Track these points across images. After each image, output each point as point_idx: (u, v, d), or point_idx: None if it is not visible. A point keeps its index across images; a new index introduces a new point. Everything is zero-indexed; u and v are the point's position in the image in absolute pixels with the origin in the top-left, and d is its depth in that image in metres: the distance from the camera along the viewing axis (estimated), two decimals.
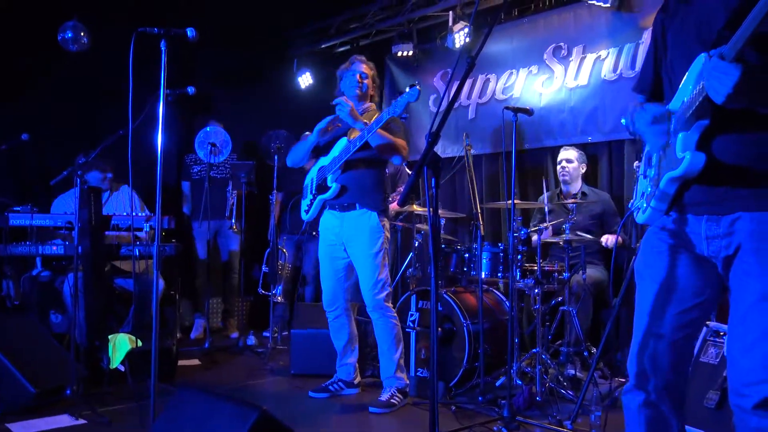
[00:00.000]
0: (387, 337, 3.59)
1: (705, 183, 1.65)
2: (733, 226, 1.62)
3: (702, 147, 1.62)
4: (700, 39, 1.66)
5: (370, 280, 3.55)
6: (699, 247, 1.71)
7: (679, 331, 1.76)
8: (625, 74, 4.75)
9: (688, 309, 1.75)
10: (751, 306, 1.56)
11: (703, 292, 1.75)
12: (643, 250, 1.88)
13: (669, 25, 1.83)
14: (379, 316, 3.59)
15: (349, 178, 3.61)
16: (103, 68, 4.70)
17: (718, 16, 1.63)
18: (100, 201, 3.91)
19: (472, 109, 5.78)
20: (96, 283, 3.84)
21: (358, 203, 3.59)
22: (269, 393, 3.96)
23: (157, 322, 2.62)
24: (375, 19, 6.29)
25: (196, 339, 5.42)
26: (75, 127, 5.00)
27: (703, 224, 1.68)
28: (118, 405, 3.35)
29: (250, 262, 5.78)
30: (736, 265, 1.62)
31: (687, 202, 1.71)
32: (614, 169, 4.93)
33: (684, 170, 1.63)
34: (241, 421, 1.88)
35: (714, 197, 1.64)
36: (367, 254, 3.55)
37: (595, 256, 4.49)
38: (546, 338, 3.96)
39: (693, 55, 1.62)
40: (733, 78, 1.39)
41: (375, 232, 3.56)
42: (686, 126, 1.64)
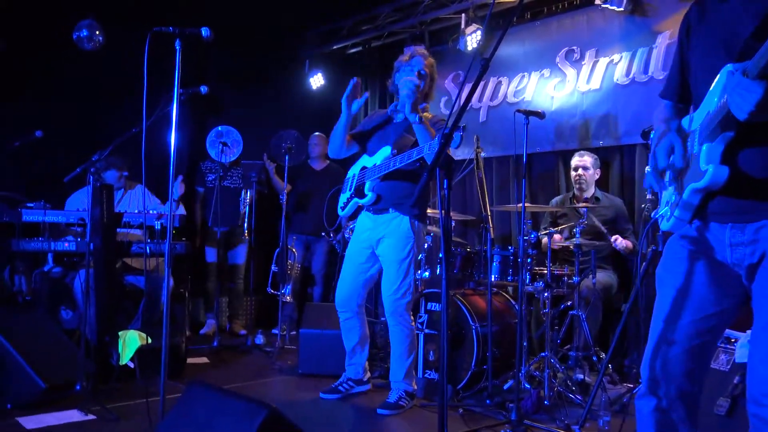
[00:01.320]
0: (401, 344, 3.56)
1: (730, 194, 1.62)
2: (758, 233, 1.60)
3: (726, 159, 1.59)
4: (726, 47, 1.64)
5: (393, 284, 3.52)
6: (722, 254, 1.69)
7: (695, 339, 1.75)
8: (638, 78, 4.73)
9: (705, 317, 1.73)
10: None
11: (723, 302, 1.73)
12: (665, 256, 1.87)
13: (695, 30, 1.81)
14: (396, 323, 3.56)
15: (387, 188, 3.58)
16: (116, 67, 4.74)
17: (745, 24, 1.61)
18: (113, 198, 3.94)
19: (484, 112, 5.78)
20: (107, 280, 3.86)
21: (392, 207, 3.56)
22: (277, 392, 3.97)
23: (168, 319, 2.63)
24: (387, 21, 6.30)
25: (205, 337, 5.44)
26: (89, 125, 5.03)
27: (727, 231, 1.66)
28: (127, 401, 3.37)
29: (259, 262, 5.80)
30: (761, 272, 1.60)
31: (711, 211, 1.69)
32: (626, 174, 4.91)
33: (707, 183, 1.61)
34: (250, 419, 1.89)
35: (739, 208, 1.62)
36: (394, 259, 3.52)
37: (606, 261, 4.47)
38: (555, 342, 3.94)
39: (718, 63, 1.60)
40: (757, 96, 1.38)
41: (405, 237, 3.51)
42: (711, 137, 1.62)
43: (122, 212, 4.29)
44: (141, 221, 4.25)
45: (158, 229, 4.24)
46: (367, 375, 3.83)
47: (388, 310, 3.56)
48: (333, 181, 5.86)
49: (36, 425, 3.03)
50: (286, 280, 5.09)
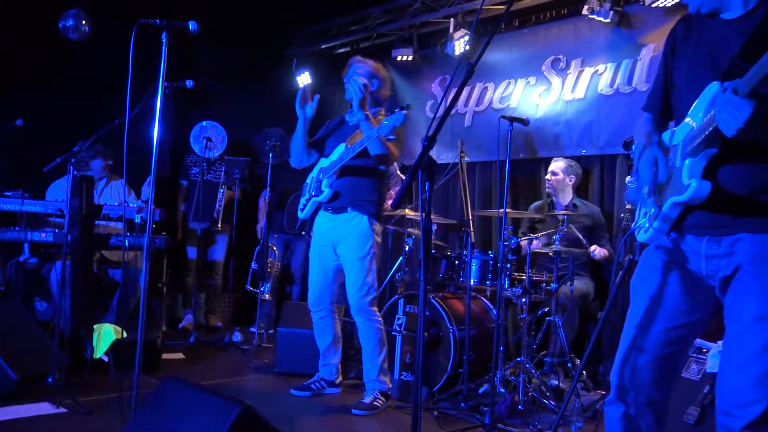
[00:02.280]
0: (371, 341, 3.59)
1: (709, 209, 1.66)
2: (733, 246, 1.63)
3: (708, 174, 1.63)
4: (711, 65, 1.67)
5: (356, 283, 3.55)
6: (696, 265, 1.72)
7: (665, 348, 1.78)
8: (622, 89, 4.79)
9: (677, 327, 1.77)
10: (747, 326, 1.57)
11: (695, 312, 1.76)
12: (640, 266, 1.90)
13: (680, 46, 1.84)
14: (363, 320, 3.59)
15: (343, 184, 3.62)
16: (102, 59, 4.70)
17: (731, 42, 1.64)
18: (92, 190, 3.90)
19: (469, 117, 5.81)
20: (83, 273, 3.82)
21: (350, 206, 3.59)
22: (252, 390, 3.96)
23: (144, 313, 2.61)
24: (376, 23, 6.31)
25: (182, 332, 5.40)
26: (72, 116, 4.98)
27: (704, 244, 1.69)
28: (100, 395, 3.34)
29: (239, 259, 5.77)
30: (734, 285, 1.64)
31: (689, 225, 1.72)
32: (606, 183, 4.97)
33: (689, 197, 1.64)
34: (224, 416, 1.87)
35: (718, 222, 1.65)
36: (355, 257, 3.56)
37: (583, 268, 4.51)
38: (531, 348, 3.97)
39: (703, 80, 1.63)
40: (746, 114, 1.41)
41: (364, 235, 3.56)
42: (694, 153, 1.65)
43: (102, 204, 4.25)
44: (120, 214, 4.21)
45: (138, 223, 4.20)
46: (339, 378, 3.84)
47: (353, 309, 3.60)
48: None
49: (6, 417, 2.99)
50: (265, 278, 5.07)
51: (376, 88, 3.66)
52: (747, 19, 1.65)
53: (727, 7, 1.70)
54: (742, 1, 1.67)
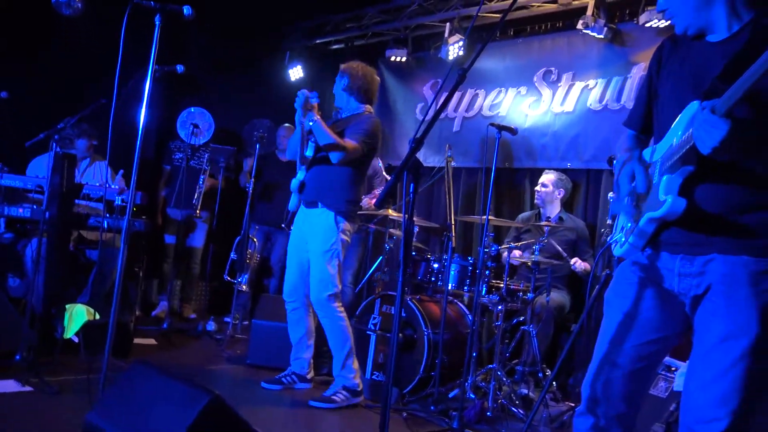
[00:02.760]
0: (331, 335, 3.60)
1: (684, 226, 1.68)
2: (706, 266, 1.66)
3: (684, 191, 1.65)
4: (693, 85, 1.70)
5: (315, 276, 3.58)
6: (670, 283, 1.74)
7: (636, 363, 1.80)
8: (611, 106, 4.83)
9: (648, 342, 1.79)
10: (713, 345, 1.60)
11: (666, 328, 1.79)
12: (615, 281, 1.92)
13: (665, 65, 1.86)
14: (323, 315, 3.61)
15: (312, 176, 3.67)
16: (94, 37, 4.65)
17: (714, 64, 1.66)
18: (74, 168, 3.86)
19: (458, 122, 5.83)
20: (59, 251, 3.77)
21: (320, 202, 3.62)
22: (223, 380, 3.94)
23: (119, 296, 2.58)
24: (372, 21, 6.31)
25: (156, 318, 5.36)
26: (60, 92, 4.91)
27: (677, 262, 1.72)
28: (68, 376, 3.29)
29: (219, 248, 5.74)
30: (704, 304, 1.66)
31: (664, 241, 1.75)
32: (590, 197, 5.01)
33: (664, 212, 1.66)
34: (192, 404, 1.87)
35: (691, 240, 1.68)
36: (318, 251, 3.58)
37: (561, 281, 4.55)
38: (503, 355, 4.00)
39: (685, 99, 1.66)
40: (722, 133, 1.42)
41: (328, 231, 3.57)
42: (671, 170, 1.67)
43: (83, 183, 4.20)
44: (101, 194, 4.16)
45: (118, 205, 4.16)
46: (311, 373, 3.83)
47: (314, 302, 3.62)
48: None
49: None
50: (243, 269, 5.05)
51: (345, 84, 3.74)
52: (731, 42, 1.68)
53: (712, 30, 1.73)
54: (726, 25, 1.70)
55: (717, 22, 1.71)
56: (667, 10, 1.77)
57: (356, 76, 3.73)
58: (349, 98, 3.76)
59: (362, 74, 3.74)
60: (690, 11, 1.72)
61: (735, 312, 1.59)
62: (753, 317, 1.57)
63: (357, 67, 3.77)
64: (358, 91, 3.73)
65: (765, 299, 1.57)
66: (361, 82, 3.73)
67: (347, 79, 3.74)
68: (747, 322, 1.57)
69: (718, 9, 1.69)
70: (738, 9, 1.69)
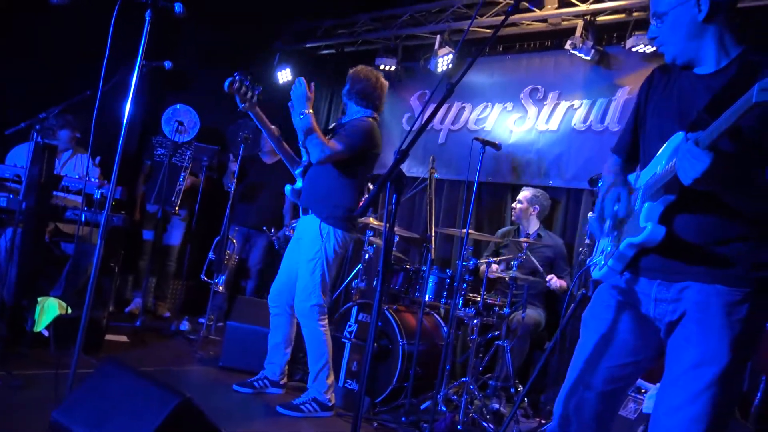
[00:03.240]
0: (309, 346, 3.54)
1: (662, 253, 1.71)
2: (681, 293, 1.69)
3: (664, 220, 1.68)
4: (679, 116, 1.73)
5: (300, 285, 3.54)
6: (646, 307, 1.77)
7: (609, 384, 1.83)
8: (594, 127, 4.89)
9: (623, 365, 1.82)
10: (685, 371, 1.63)
11: (641, 352, 1.82)
12: (593, 302, 1.95)
13: (653, 94, 1.90)
14: (304, 324, 3.56)
15: (306, 182, 3.64)
16: (81, 28, 4.60)
17: (700, 97, 1.70)
18: (54, 159, 3.80)
19: (443, 134, 5.86)
20: (34, 242, 3.71)
21: (310, 208, 3.59)
22: (194, 381, 3.90)
23: (93, 291, 2.55)
24: (363, 29, 6.32)
25: (129, 315, 5.29)
26: (46, 82, 4.85)
27: (654, 287, 1.75)
28: (36, 370, 3.24)
29: (197, 248, 5.69)
30: (678, 330, 1.69)
31: (642, 266, 1.77)
32: (569, 216, 5.05)
33: (644, 239, 1.69)
34: (161, 405, 1.85)
35: (669, 267, 1.71)
36: (303, 259, 3.54)
37: (537, 298, 4.58)
38: (477, 369, 4.01)
39: (670, 129, 1.69)
40: (703, 165, 1.45)
41: (313, 239, 3.51)
42: (653, 197, 1.70)
43: (62, 175, 4.14)
44: (80, 187, 4.11)
45: (97, 198, 4.11)
46: (284, 380, 3.80)
47: (296, 310, 3.57)
48: (282, 176, 5.80)
49: None
50: (221, 270, 5.01)
51: (346, 89, 3.67)
52: (718, 75, 1.72)
53: (701, 62, 1.76)
54: (715, 59, 1.73)
55: (706, 55, 1.74)
56: (657, 38, 1.80)
57: (356, 80, 3.63)
58: (349, 102, 3.68)
59: (363, 78, 3.63)
60: (679, 42, 1.75)
61: (708, 340, 1.62)
62: (725, 346, 1.60)
63: (359, 71, 3.67)
64: (357, 95, 3.63)
65: (737, 329, 1.61)
66: (360, 86, 3.61)
67: (348, 83, 3.66)
68: (719, 351, 1.60)
69: (707, 42, 1.73)
70: (726, 44, 1.73)
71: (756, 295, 1.62)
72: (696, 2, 1.70)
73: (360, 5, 6.25)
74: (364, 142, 3.52)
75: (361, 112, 3.65)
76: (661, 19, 1.77)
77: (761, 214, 1.63)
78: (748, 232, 1.64)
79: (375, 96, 3.64)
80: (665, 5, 1.75)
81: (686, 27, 1.73)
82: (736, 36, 1.73)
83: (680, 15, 1.73)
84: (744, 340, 1.61)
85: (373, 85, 3.63)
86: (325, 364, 3.51)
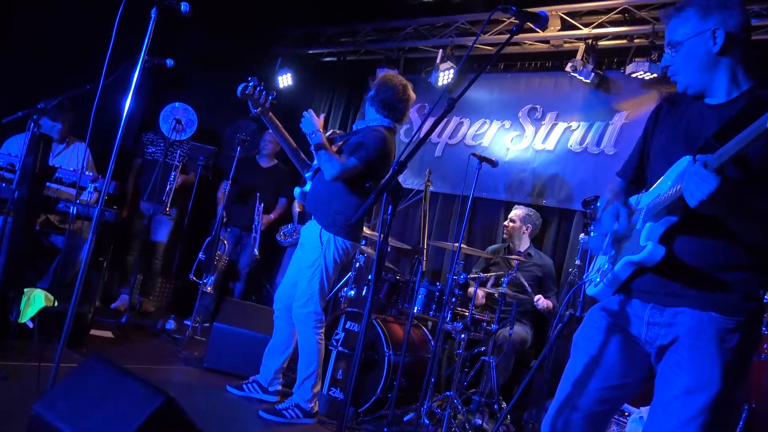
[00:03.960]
0: (301, 351, 3.54)
1: (659, 274, 1.72)
2: (675, 318, 1.70)
3: (665, 241, 1.70)
4: (686, 141, 1.76)
5: (298, 290, 3.53)
6: (638, 330, 1.78)
7: (597, 406, 1.83)
8: (590, 149, 4.93)
9: (611, 387, 1.82)
10: (675, 397, 1.64)
11: (629, 375, 1.82)
12: (585, 324, 1.95)
13: (661, 124, 1.92)
14: (299, 329, 3.55)
15: (312, 188, 3.64)
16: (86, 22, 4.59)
17: (709, 125, 1.72)
18: (49, 150, 3.78)
19: (440, 148, 5.88)
20: (24, 233, 3.69)
21: (313, 215, 3.59)
22: (176, 381, 3.87)
23: (81, 285, 2.53)
24: (366, 39, 6.36)
25: (115, 311, 5.26)
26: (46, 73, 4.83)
27: (647, 310, 1.76)
28: (18, 362, 3.21)
29: (187, 247, 5.66)
30: (669, 355, 1.70)
31: (636, 288, 1.79)
32: (560, 236, 5.08)
33: (642, 258, 1.71)
34: (144, 403, 1.84)
35: (665, 290, 1.72)
36: (303, 265, 3.54)
37: (525, 316, 4.58)
38: (461, 384, 4.00)
39: (676, 154, 1.71)
40: (710, 187, 1.46)
41: (312, 246, 3.50)
42: (656, 218, 1.72)
43: (57, 167, 4.12)
44: (74, 180, 4.09)
45: (90, 192, 4.10)
46: (277, 387, 3.72)
47: (293, 316, 3.56)
48: (277, 180, 5.83)
49: None
50: (211, 271, 4.99)
51: (371, 94, 3.60)
52: (728, 106, 1.74)
53: (712, 93, 1.79)
54: (726, 90, 1.76)
55: (717, 87, 1.77)
56: (670, 66, 1.82)
57: (384, 87, 3.54)
58: (370, 108, 3.60)
59: (392, 85, 3.54)
60: (693, 72, 1.78)
61: (699, 366, 1.63)
62: (716, 373, 1.61)
63: (390, 78, 3.60)
64: (381, 103, 3.54)
65: (729, 356, 1.62)
66: (387, 94, 3.52)
67: (375, 88, 3.58)
68: (710, 378, 1.61)
69: (720, 74, 1.75)
70: (738, 77, 1.75)
71: (747, 324, 1.64)
72: (711, 35, 1.73)
73: (364, 15, 6.28)
74: (379, 155, 3.43)
75: (379, 121, 3.57)
76: (675, 48, 1.79)
77: (760, 245, 1.65)
78: (746, 261, 1.66)
79: (399, 108, 3.57)
80: (680, 35, 1.78)
81: (700, 58, 1.75)
82: (749, 69, 1.76)
83: (695, 46, 1.76)
84: (735, 367, 1.63)
85: (400, 96, 3.55)
86: (313, 372, 3.49)
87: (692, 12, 1.77)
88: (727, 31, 1.72)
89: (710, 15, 1.74)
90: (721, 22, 1.73)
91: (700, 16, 1.75)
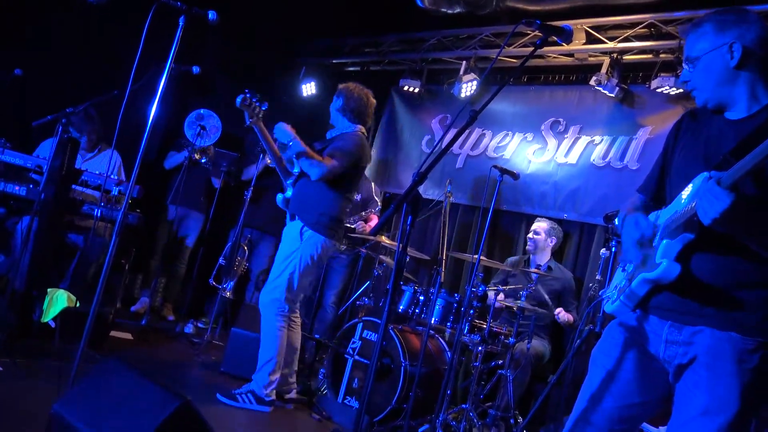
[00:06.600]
0: (262, 338, 3.66)
1: (677, 292, 1.70)
2: (693, 337, 1.67)
3: (681, 258, 1.68)
4: (705, 157, 1.74)
5: (270, 277, 3.69)
6: (656, 348, 1.76)
7: (615, 424, 1.80)
8: (613, 164, 4.88)
9: (628, 405, 1.80)
10: (692, 418, 1.61)
11: (647, 394, 1.79)
12: (603, 339, 1.93)
13: (682, 139, 1.90)
14: (262, 316, 3.69)
15: (295, 190, 3.79)
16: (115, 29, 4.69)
17: (728, 140, 1.70)
18: (76, 153, 3.85)
19: (461, 159, 5.87)
20: (49, 234, 3.75)
21: (297, 215, 3.71)
22: (192, 384, 3.91)
23: (102, 286, 2.57)
24: (390, 49, 6.39)
25: (135, 314, 5.32)
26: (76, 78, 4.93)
27: (666, 328, 1.73)
28: (40, 360, 3.26)
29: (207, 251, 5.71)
30: (687, 375, 1.67)
31: (654, 305, 1.76)
32: (581, 251, 5.03)
33: (658, 275, 1.69)
34: (161, 406, 1.86)
35: (683, 308, 1.69)
36: (279, 256, 3.69)
37: (543, 330, 4.54)
38: (478, 396, 3.97)
39: (695, 170, 1.69)
40: (723, 205, 1.45)
41: (292, 240, 3.66)
42: (672, 235, 1.70)
43: (83, 170, 4.19)
44: (99, 183, 4.15)
45: (115, 195, 4.16)
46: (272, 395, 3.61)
47: (259, 301, 3.72)
48: None
49: None
50: (231, 276, 5.03)
51: (340, 105, 3.86)
52: (747, 121, 1.72)
53: (732, 107, 1.77)
54: (747, 105, 1.74)
55: (737, 101, 1.75)
56: (689, 81, 1.81)
57: (351, 98, 3.84)
58: (343, 118, 3.87)
59: (357, 96, 3.85)
60: (711, 87, 1.77)
61: (717, 387, 1.60)
62: (734, 394, 1.58)
63: (353, 89, 3.88)
64: (351, 112, 3.84)
65: (748, 377, 1.59)
66: (355, 103, 3.83)
67: (342, 99, 3.86)
68: (727, 399, 1.58)
69: (739, 89, 1.74)
70: (757, 92, 1.74)
71: None
72: (728, 49, 1.72)
73: (389, 26, 6.31)
74: (357, 156, 3.73)
75: (352, 127, 3.85)
76: (693, 63, 1.78)
77: None
78: (765, 279, 1.63)
79: (366, 113, 3.90)
80: (698, 50, 1.77)
81: (718, 73, 1.74)
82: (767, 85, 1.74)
83: (712, 61, 1.75)
84: (754, 389, 1.60)
85: (366, 103, 3.88)
86: (270, 359, 3.60)
87: (709, 27, 1.76)
88: (745, 45, 1.71)
89: (727, 29, 1.73)
90: (738, 36, 1.72)
91: (717, 30, 1.74)
